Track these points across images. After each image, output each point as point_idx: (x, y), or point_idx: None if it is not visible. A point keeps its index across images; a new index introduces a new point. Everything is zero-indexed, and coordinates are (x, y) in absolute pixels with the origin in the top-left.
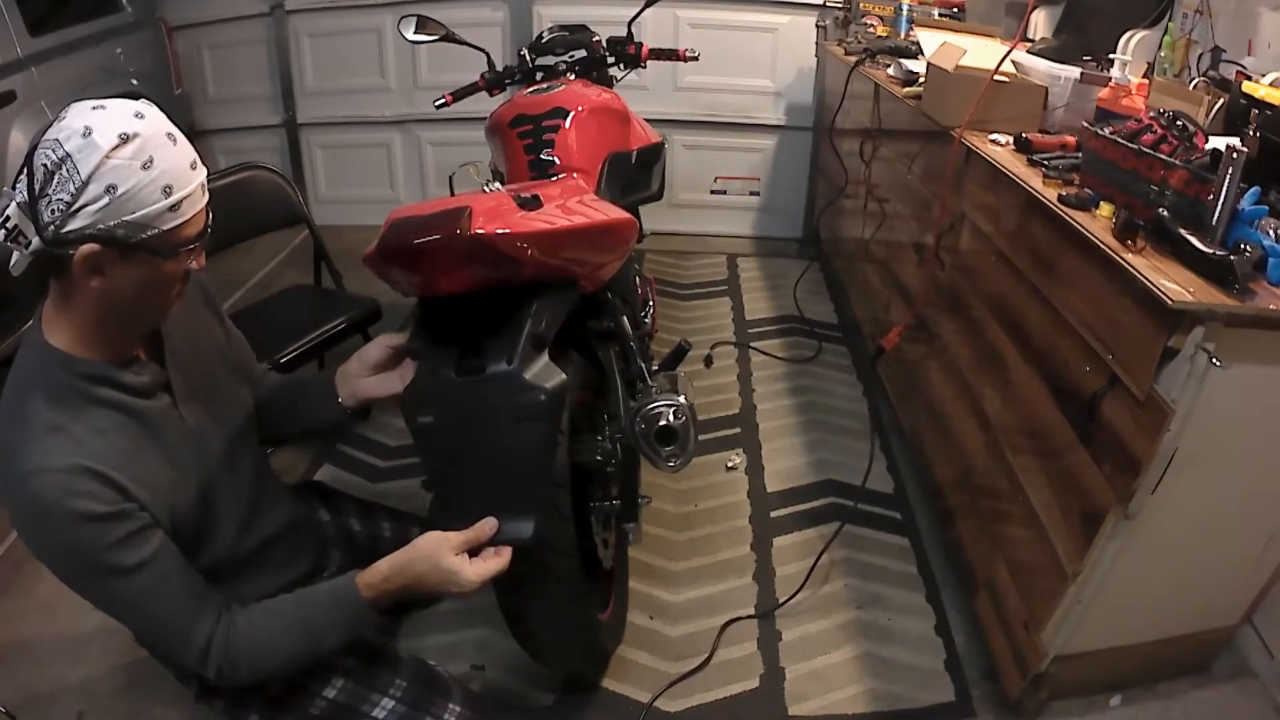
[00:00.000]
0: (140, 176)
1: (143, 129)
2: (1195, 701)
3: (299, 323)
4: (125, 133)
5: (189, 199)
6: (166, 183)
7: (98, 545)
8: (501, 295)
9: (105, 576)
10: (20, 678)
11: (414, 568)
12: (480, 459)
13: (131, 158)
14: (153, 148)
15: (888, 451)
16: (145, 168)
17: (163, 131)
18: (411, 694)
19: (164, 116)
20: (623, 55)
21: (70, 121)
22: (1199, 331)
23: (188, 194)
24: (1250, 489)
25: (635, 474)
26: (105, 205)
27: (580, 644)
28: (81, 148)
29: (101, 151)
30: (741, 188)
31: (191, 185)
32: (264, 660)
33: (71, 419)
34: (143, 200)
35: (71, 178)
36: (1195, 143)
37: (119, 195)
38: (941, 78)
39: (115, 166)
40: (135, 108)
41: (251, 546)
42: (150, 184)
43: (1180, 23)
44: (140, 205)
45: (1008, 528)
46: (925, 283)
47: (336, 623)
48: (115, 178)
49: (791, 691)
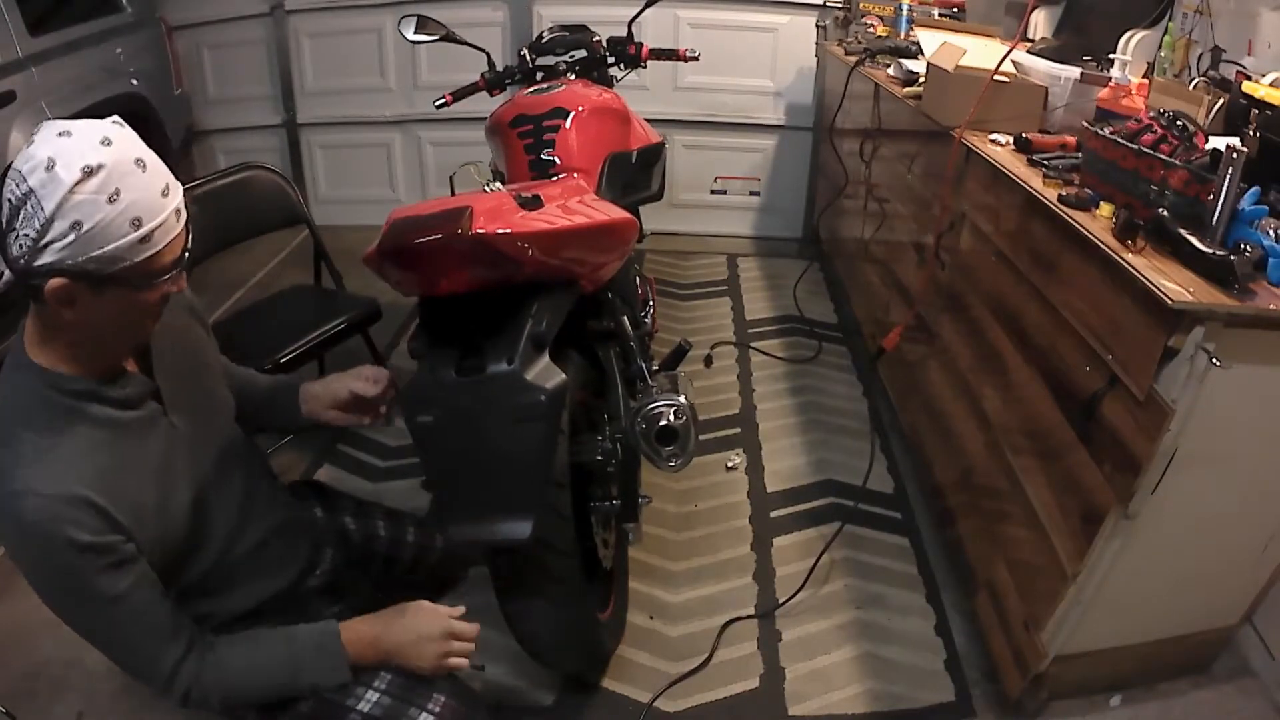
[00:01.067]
0: (106, 211)
1: (109, 158)
2: (1195, 701)
3: (299, 323)
4: (89, 165)
5: (161, 228)
6: (135, 215)
7: (79, 572)
8: (502, 295)
9: (84, 602)
10: (20, 678)
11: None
12: (480, 459)
13: (96, 192)
14: (119, 178)
15: (888, 451)
16: (111, 201)
17: (130, 158)
18: (397, 685)
19: (135, 139)
20: (623, 55)
21: (36, 150)
22: (1199, 331)
23: (159, 223)
24: (1250, 489)
25: (635, 474)
26: (71, 242)
27: (580, 644)
28: (45, 182)
29: (65, 187)
30: (741, 188)
31: (163, 214)
32: (237, 691)
33: (59, 439)
34: (111, 235)
35: (36, 214)
36: (1195, 143)
37: (85, 231)
38: (941, 78)
39: (79, 202)
40: (103, 132)
41: (244, 551)
42: (118, 217)
43: (1180, 23)
44: (108, 240)
45: (1008, 528)
46: (925, 283)
47: (315, 669)
48: (80, 214)
49: (791, 691)
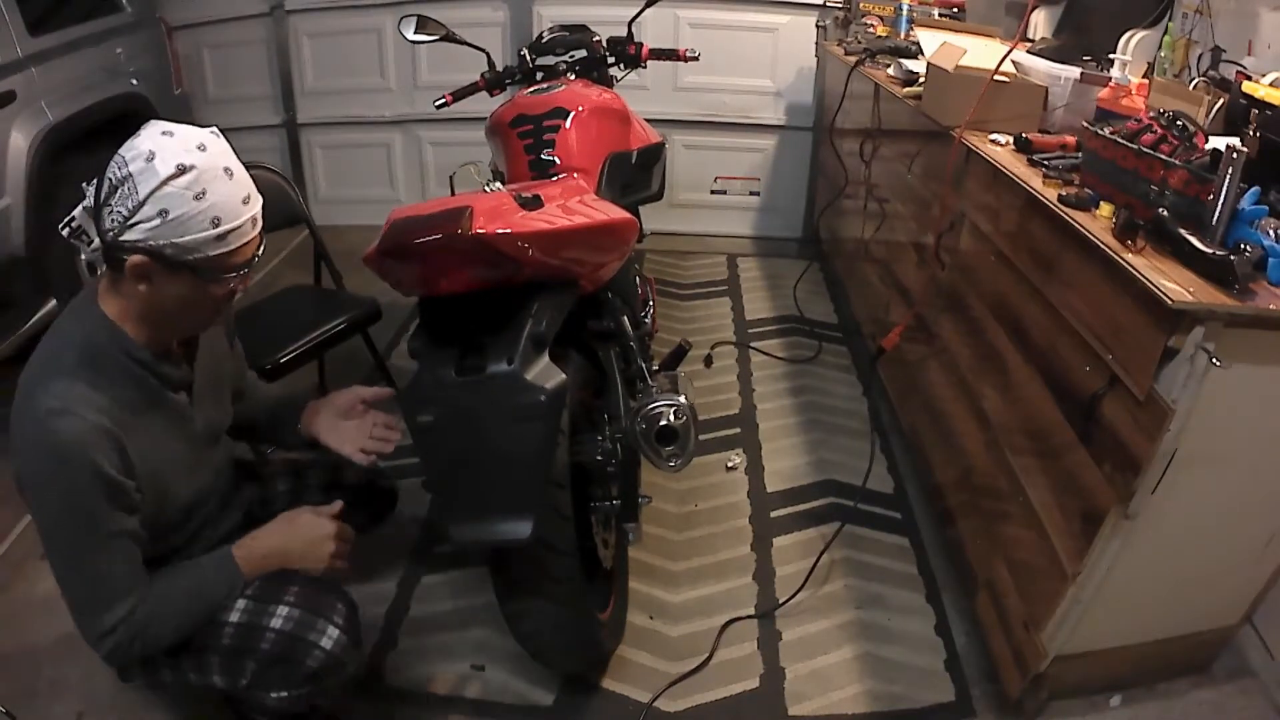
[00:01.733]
0: (191, 206)
1: (201, 161)
2: (1195, 701)
3: (299, 323)
4: (184, 164)
5: (236, 231)
6: (216, 215)
7: (90, 497)
8: (502, 295)
9: (79, 530)
10: (20, 678)
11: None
12: (480, 459)
13: (186, 187)
14: (207, 180)
15: (888, 451)
16: (198, 198)
17: (220, 166)
18: (304, 597)
19: (228, 149)
20: (623, 55)
21: (140, 142)
22: (1199, 331)
23: (235, 226)
24: (1250, 489)
25: (635, 474)
26: (156, 226)
27: (580, 644)
28: (143, 170)
29: (159, 178)
30: (741, 188)
31: (241, 219)
32: (155, 628)
33: (108, 384)
34: (191, 227)
35: (131, 195)
36: (1195, 143)
37: (169, 219)
38: (941, 78)
39: (169, 194)
40: (200, 138)
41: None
42: (200, 214)
43: (1180, 23)
44: (188, 231)
45: (1008, 528)
46: (925, 283)
47: (215, 588)
48: (168, 203)
49: (791, 691)
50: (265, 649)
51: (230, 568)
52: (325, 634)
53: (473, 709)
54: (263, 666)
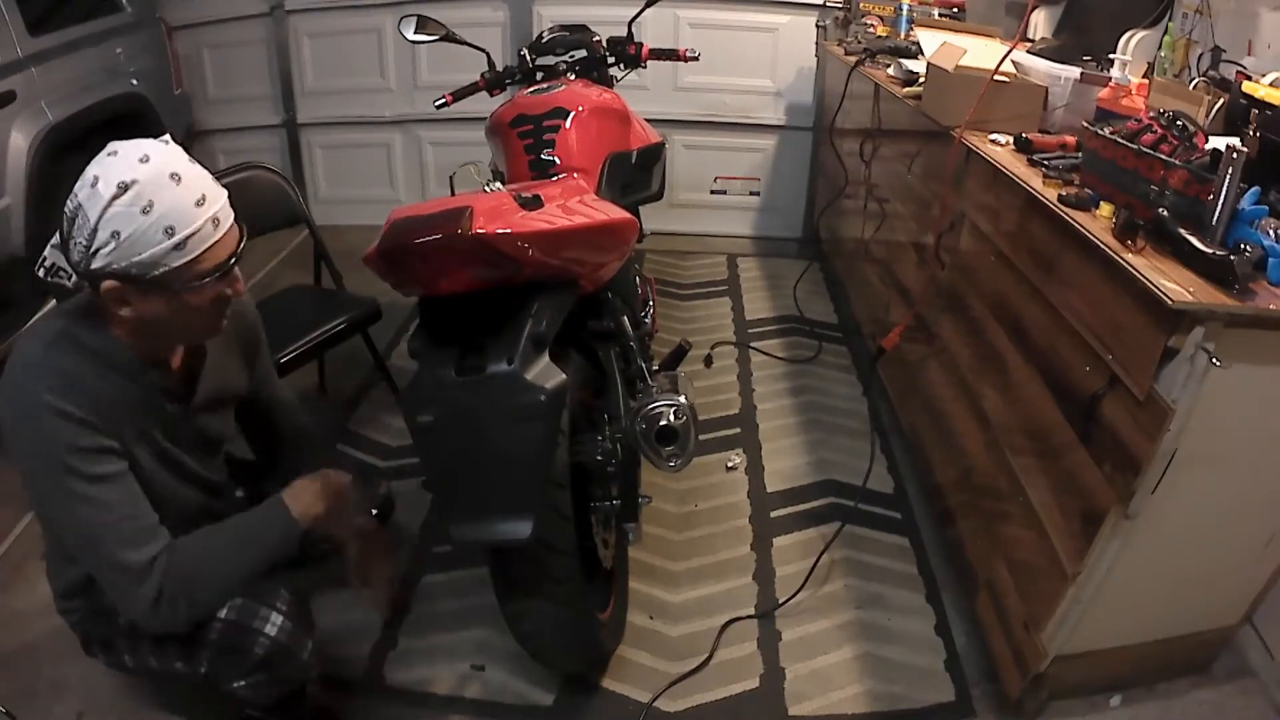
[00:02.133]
0: (140, 221)
1: (143, 174)
2: (1195, 701)
3: (299, 323)
4: (124, 181)
5: (195, 236)
6: (168, 224)
7: (67, 443)
8: (502, 295)
9: (67, 476)
10: (20, 678)
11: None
12: (480, 459)
13: (130, 204)
14: (151, 192)
15: (888, 451)
16: (145, 212)
17: (165, 173)
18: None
19: (173, 156)
20: (623, 55)
21: (88, 169)
22: (1199, 331)
23: (192, 231)
24: (1250, 489)
25: (635, 474)
26: (113, 249)
27: (580, 644)
28: (89, 197)
29: (103, 200)
30: (741, 188)
31: (197, 223)
32: (204, 582)
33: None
34: (145, 243)
35: (85, 224)
36: (1195, 143)
37: (123, 240)
38: (941, 78)
39: (116, 214)
40: (144, 150)
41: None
42: (151, 227)
43: (1180, 23)
44: (144, 247)
45: (1008, 528)
46: (925, 283)
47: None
48: (117, 224)
49: (791, 691)
50: (214, 638)
51: (281, 513)
52: (269, 621)
53: (473, 709)
54: (215, 654)
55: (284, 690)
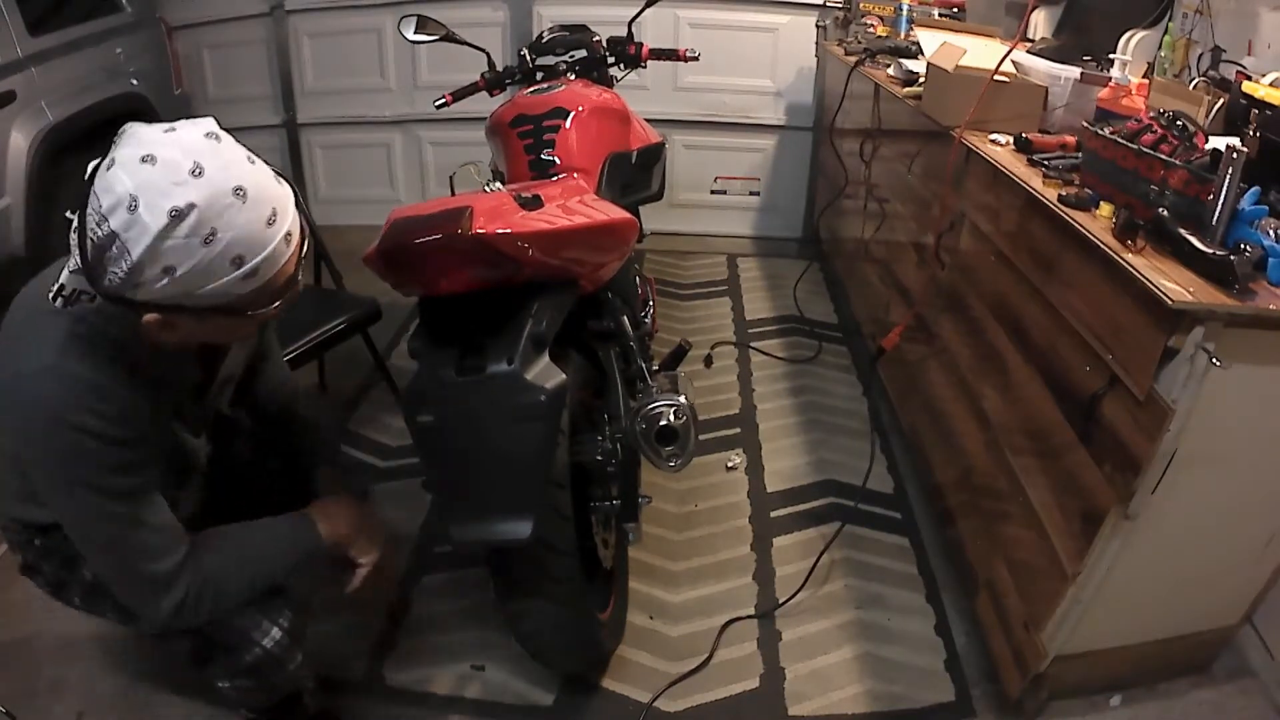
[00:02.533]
0: (202, 254)
1: (200, 195)
2: (1195, 701)
3: (299, 323)
4: (176, 207)
5: (267, 260)
6: (236, 253)
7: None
8: (501, 295)
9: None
10: (20, 677)
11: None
12: (480, 459)
13: (188, 236)
14: (214, 217)
15: (888, 451)
16: (207, 243)
17: (228, 189)
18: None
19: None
20: (623, 55)
21: (116, 181)
22: (1199, 331)
23: (264, 257)
24: (1250, 489)
25: (635, 474)
26: (166, 284)
27: (580, 644)
28: (128, 225)
29: (150, 232)
30: (741, 188)
31: (269, 246)
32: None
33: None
34: (210, 275)
35: (123, 256)
36: (1195, 143)
37: (179, 275)
38: (941, 78)
39: (170, 248)
40: (194, 156)
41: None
42: (216, 258)
43: (1180, 23)
44: (207, 281)
45: (1008, 528)
46: (925, 283)
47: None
48: (172, 259)
49: (791, 691)
50: (209, 633)
51: (310, 534)
52: (268, 634)
53: (473, 709)
54: (204, 643)
55: (272, 697)
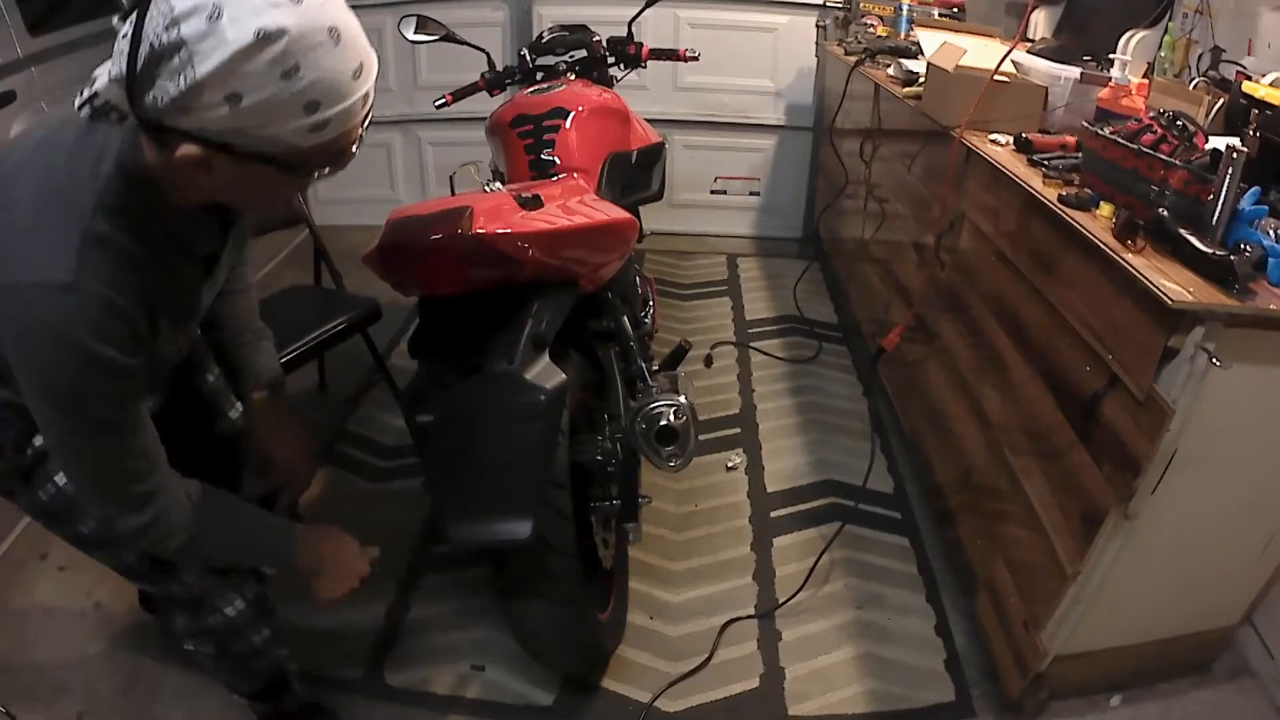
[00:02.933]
0: (277, 88)
1: (294, 23)
2: (1195, 701)
3: (299, 323)
4: (266, 29)
5: (340, 114)
6: (313, 98)
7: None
8: (502, 295)
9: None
10: (20, 679)
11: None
12: (480, 459)
13: (270, 64)
14: (302, 51)
15: (888, 451)
16: (287, 77)
17: (324, 25)
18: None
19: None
20: (623, 55)
21: None
22: (1199, 331)
23: (341, 109)
24: (1250, 489)
25: (635, 474)
26: (224, 115)
27: (580, 644)
28: (203, 36)
29: (229, 49)
30: (741, 188)
31: (350, 99)
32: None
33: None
34: (276, 116)
35: (184, 71)
36: (1195, 143)
37: (243, 107)
38: (941, 78)
39: (246, 72)
40: None
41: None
42: (290, 98)
43: (1180, 23)
44: (271, 121)
45: (1008, 528)
46: (925, 283)
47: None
48: (242, 84)
49: (791, 691)
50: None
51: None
52: (232, 605)
53: (473, 709)
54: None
55: (249, 675)
